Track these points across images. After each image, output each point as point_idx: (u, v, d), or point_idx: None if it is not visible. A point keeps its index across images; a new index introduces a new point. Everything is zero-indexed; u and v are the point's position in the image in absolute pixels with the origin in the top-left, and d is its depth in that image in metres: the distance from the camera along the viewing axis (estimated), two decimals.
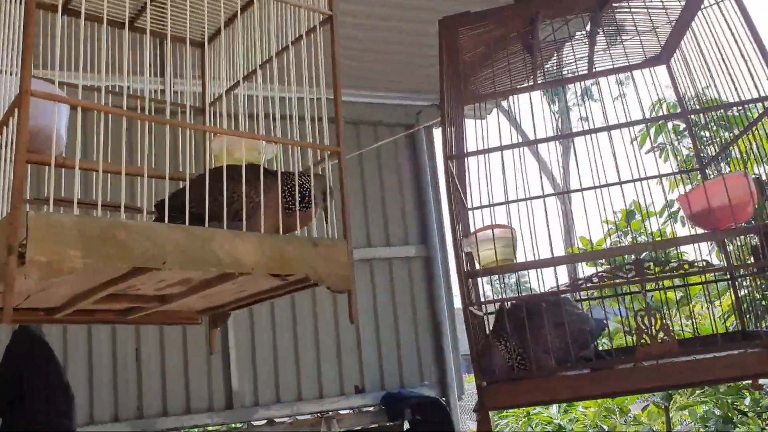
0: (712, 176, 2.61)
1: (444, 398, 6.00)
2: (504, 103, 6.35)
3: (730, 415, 4.42)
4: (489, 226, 2.19)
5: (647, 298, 2.14)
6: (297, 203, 1.52)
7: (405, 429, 5.77)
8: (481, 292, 2.39)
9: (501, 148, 2.04)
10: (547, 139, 2.12)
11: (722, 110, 2.31)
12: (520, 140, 2.23)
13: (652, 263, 1.93)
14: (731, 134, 2.61)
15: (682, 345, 1.94)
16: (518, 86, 2.73)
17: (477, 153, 2.11)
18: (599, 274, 1.95)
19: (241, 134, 1.39)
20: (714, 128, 2.81)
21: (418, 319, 6.22)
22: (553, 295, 2.12)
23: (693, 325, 2.97)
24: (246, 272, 1.31)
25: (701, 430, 4.62)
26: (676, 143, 5.69)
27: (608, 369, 1.96)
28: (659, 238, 2.95)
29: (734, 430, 4.49)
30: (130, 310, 1.71)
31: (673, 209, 5.67)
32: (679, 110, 3.09)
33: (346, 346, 5.96)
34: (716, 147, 2.64)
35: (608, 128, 2.24)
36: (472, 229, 2.36)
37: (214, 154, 1.84)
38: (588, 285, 1.95)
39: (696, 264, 1.91)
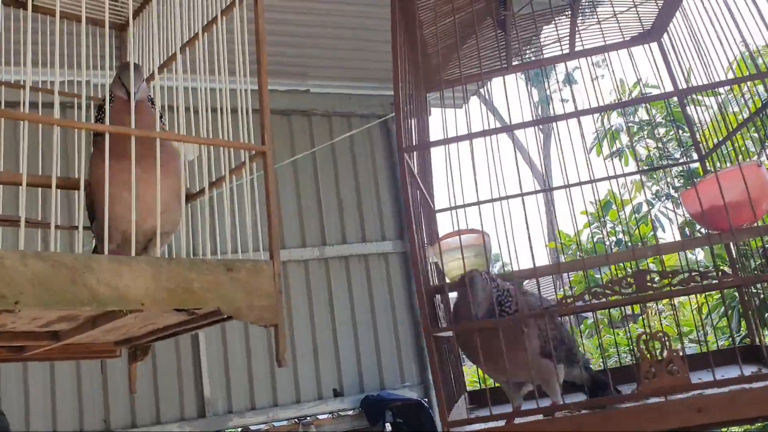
0: (711, 168, 2.34)
1: (426, 399, 5.77)
2: (482, 89, 6.09)
3: None
4: (456, 232, 1.87)
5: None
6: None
7: None
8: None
9: (470, 137, 1.72)
10: (522, 125, 1.83)
11: (727, 87, 2.05)
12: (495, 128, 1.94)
13: (655, 275, 1.65)
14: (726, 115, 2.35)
15: (692, 364, 1.63)
16: (491, 69, 2.44)
17: (438, 143, 1.79)
18: (593, 291, 1.65)
19: (131, 131, 1.10)
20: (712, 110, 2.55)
21: (397, 317, 6.02)
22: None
23: (699, 335, 2.72)
24: (135, 309, 1.02)
25: None
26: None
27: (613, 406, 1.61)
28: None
29: None
30: (22, 347, 1.41)
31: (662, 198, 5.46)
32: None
33: (323, 348, 5.74)
34: (715, 132, 2.38)
35: (594, 111, 1.98)
36: (444, 233, 2.07)
37: None
38: (578, 305, 1.64)
39: (710, 276, 1.62)
